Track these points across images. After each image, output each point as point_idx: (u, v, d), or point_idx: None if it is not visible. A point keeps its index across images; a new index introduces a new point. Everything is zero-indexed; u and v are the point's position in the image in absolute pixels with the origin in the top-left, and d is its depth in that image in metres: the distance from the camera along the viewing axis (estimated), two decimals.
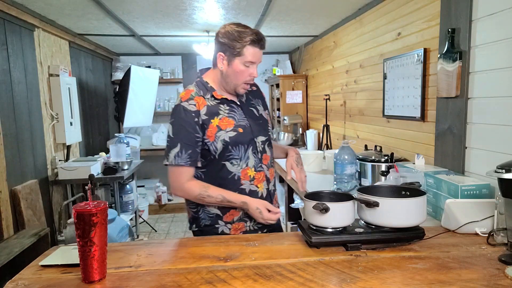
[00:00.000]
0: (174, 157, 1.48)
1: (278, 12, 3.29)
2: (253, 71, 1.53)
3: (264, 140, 1.62)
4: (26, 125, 2.95)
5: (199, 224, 1.61)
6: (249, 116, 1.60)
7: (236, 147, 1.53)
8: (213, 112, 1.53)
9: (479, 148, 1.80)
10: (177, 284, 1.07)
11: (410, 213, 1.31)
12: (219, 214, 1.57)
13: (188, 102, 1.52)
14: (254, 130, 1.59)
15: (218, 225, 1.58)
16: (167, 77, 5.59)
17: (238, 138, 1.53)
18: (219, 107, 1.56)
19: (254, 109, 1.65)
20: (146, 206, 5.13)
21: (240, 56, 1.49)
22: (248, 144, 1.56)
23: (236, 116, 1.57)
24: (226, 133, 1.52)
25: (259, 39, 1.50)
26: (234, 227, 1.58)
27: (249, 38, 1.47)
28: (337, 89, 3.91)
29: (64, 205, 2.95)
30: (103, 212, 1.07)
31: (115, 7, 3.00)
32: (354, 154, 2.45)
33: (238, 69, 1.51)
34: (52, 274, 1.15)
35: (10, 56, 2.76)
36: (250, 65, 1.51)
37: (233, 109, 1.58)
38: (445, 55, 1.95)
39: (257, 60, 1.52)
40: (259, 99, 1.72)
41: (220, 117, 1.54)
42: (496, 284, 1.04)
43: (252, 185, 1.57)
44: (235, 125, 1.55)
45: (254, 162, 1.57)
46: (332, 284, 1.05)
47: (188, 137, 1.49)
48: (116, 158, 3.70)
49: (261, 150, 1.60)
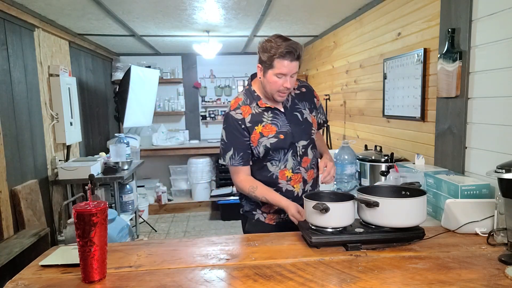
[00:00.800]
0: (229, 159, 1.68)
1: (278, 12, 3.29)
2: (284, 82, 1.59)
3: (305, 144, 1.72)
4: (26, 125, 2.95)
5: (244, 209, 1.82)
6: (292, 122, 1.70)
7: (276, 151, 1.67)
8: (257, 120, 1.67)
9: (479, 148, 1.80)
10: (177, 284, 1.07)
11: (410, 213, 1.31)
12: (258, 203, 1.74)
13: (235, 111, 1.68)
14: (295, 135, 1.69)
15: (255, 213, 1.76)
16: (167, 77, 5.59)
17: (278, 144, 1.66)
18: (263, 114, 1.68)
19: (298, 114, 1.73)
20: (146, 206, 5.13)
21: (272, 68, 1.58)
22: (288, 148, 1.68)
23: (279, 123, 1.68)
24: (268, 140, 1.65)
25: (289, 51, 1.54)
26: (269, 217, 1.75)
27: (278, 51, 1.54)
28: (337, 89, 3.91)
29: (64, 205, 2.95)
30: (103, 212, 1.07)
31: (115, 7, 3.00)
32: (354, 154, 2.45)
33: (271, 80, 1.60)
34: (52, 274, 1.15)
35: (10, 56, 2.76)
36: (281, 76, 1.58)
37: (276, 116, 1.69)
38: (445, 55, 1.95)
39: (288, 71, 1.57)
40: (306, 101, 1.77)
41: (263, 124, 1.67)
42: (496, 284, 1.04)
43: (289, 185, 1.70)
44: (277, 131, 1.67)
45: (292, 165, 1.69)
46: (332, 284, 1.05)
47: (239, 141, 1.66)
48: (116, 158, 3.70)
49: (301, 154, 1.71)
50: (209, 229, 4.61)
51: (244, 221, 1.85)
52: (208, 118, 5.81)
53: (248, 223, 1.80)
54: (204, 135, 5.92)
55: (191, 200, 5.48)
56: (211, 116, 5.80)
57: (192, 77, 5.78)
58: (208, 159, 5.40)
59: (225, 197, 4.93)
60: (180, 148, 5.30)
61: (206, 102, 5.79)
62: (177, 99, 5.70)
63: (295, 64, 1.58)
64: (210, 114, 5.81)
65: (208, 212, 5.32)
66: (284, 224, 1.71)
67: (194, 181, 5.38)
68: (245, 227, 1.83)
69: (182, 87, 5.74)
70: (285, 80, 1.58)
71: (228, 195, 4.93)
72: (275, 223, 1.74)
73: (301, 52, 1.58)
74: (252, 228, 1.76)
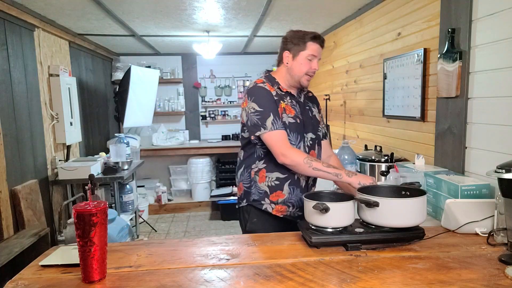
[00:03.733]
0: (272, 124, 1.64)
1: (278, 12, 3.29)
2: (313, 64, 1.73)
3: (313, 138, 1.78)
4: (26, 125, 2.95)
5: (249, 198, 1.76)
6: (304, 114, 1.78)
7: (293, 133, 1.71)
8: (280, 97, 1.73)
9: (479, 148, 1.80)
10: (177, 284, 1.07)
11: (410, 213, 1.31)
12: (267, 192, 1.72)
13: (263, 84, 1.73)
14: (306, 126, 1.76)
15: (264, 202, 1.73)
16: (167, 77, 5.59)
17: (295, 126, 1.71)
18: (283, 97, 1.75)
19: (309, 109, 1.83)
20: (146, 206, 5.12)
21: (304, 50, 1.71)
22: (300, 136, 1.73)
23: (296, 109, 1.76)
24: (288, 118, 1.70)
25: (319, 36, 1.73)
26: (277, 208, 1.73)
27: (311, 35, 1.71)
28: (337, 89, 3.91)
29: (64, 205, 2.95)
30: (103, 212, 1.07)
31: (115, 7, 3.00)
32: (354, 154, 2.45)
33: (302, 62, 1.71)
34: (52, 274, 1.15)
35: (10, 56, 2.76)
36: (312, 58, 1.72)
37: (294, 103, 1.77)
38: (445, 55, 1.95)
39: (318, 54, 1.73)
40: (314, 104, 1.90)
41: (286, 103, 1.73)
42: (496, 284, 1.04)
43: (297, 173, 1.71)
44: (295, 115, 1.73)
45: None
46: (332, 284, 1.05)
47: (275, 106, 1.68)
48: (116, 158, 3.70)
49: (308, 145, 1.76)
50: (209, 229, 4.61)
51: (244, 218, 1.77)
52: (208, 118, 5.81)
53: (250, 221, 1.74)
54: (204, 135, 5.92)
55: (191, 200, 5.48)
56: (211, 116, 5.80)
57: (192, 77, 5.78)
58: (208, 159, 5.40)
59: (225, 197, 4.93)
60: (180, 148, 5.30)
61: (206, 102, 5.79)
62: (177, 99, 5.70)
63: (321, 50, 1.75)
64: (210, 114, 5.81)
65: (208, 212, 5.32)
66: (291, 219, 1.71)
67: (194, 181, 5.38)
68: (246, 225, 1.76)
69: (182, 87, 5.74)
70: (314, 63, 1.72)
71: (228, 195, 4.93)
72: (282, 216, 1.72)
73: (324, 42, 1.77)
74: (254, 226, 1.71)
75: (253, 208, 1.75)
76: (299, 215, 1.71)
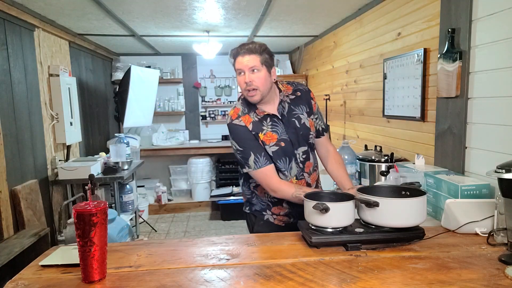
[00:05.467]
0: (254, 163, 1.64)
1: (278, 12, 3.29)
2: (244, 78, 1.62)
3: (305, 150, 1.74)
4: (26, 125, 2.95)
5: (252, 208, 1.81)
6: (289, 130, 1.71)
7: (280, 160, 1.68)
8: (258, 128, 1.68)
9: (479, 148, 1.80)
10: (177, 284, 1.07)
11: (410, 213, 1.31)
12: (269, 204, 1.76)
13: (238, 120, 1.69)
14: (294, 143, 1.71)
15: (265, 213, 1.77)
16: (167, 77, 5.59)
17: (280, 152, 1.67)
18: (263, 123, 1.69)
19: (296, 120, 1.73)
20: (146, 206, 5.12)
21: (235, 69, 1.66)
22: (290, 156, 1.70)
23: (279, 130, 1.69)
24: (270, 148, 1.66)
25: (238, 50, 1.62)
26: (279, 218, 1.77)
27: (233, 52, 1.64)
28: (337, 89, 3.91)
29: (64, 205, 2.95)
30: (103, 212, 1.07)
31: (115, 7, 3.00)
32: (354, 154, 2.45)
33: (238, 82, 1.68)
34: (52, 274, 1.15)
35: (10, 56, 2.76)
36: (240, 72, 1.64)
37: (275, 123, 1.70)
38: (445, 55, 1.95)
39: (242, 66, 1.61)
40: (303, 105, 1.77)
41: (264, 133, 1.67)
42: (496, 284, 1.04)
43: None
44: (278, 139, 1.68)
45: (296, 172, 1.72)
46: (332, 284, 1.05)
47: (255, 144, 1.65)
48: (116, 158, 3.70)
49: (302, 160, 1.73)
50: (209, 229, 4.61)
51: (251, 220, 1.84)
52: (208, 118, 5.81)
53: (257, 224, 1.80)
54: (204, 135, 5.92)
55: (191, 200, 5.48)
56: (211, 116, 5.80)
57: (192, 77, 5.78)
58: (208, 159, 5.40)
59: (225, 197, 4.93)
60: (180, 148, 5.30)
61: (206, 102, 5.79)
62: (177, 99, 5.70)
63: (249, 58, 1.60)
64: (210, 114, 5.81)
65: (208, 212, 5.32)
66: (292, 226, 1.71)
67: (194, 181, 5.38)
68: (253, 227, 1.82)
69: (182, 87, 5.74)
70: (244, 76, 1.62)
71: (228, 195, 4.93)
72: (284, 225, 1.76)
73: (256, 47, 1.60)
74: (261, 229, 1.76)
75: (256, 217, 1.81)
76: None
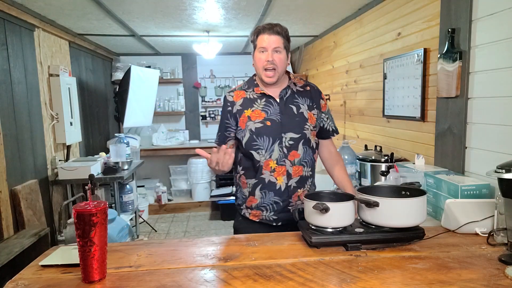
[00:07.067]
0: (218, 137, 1.78)
1: (278, 12, 3.29)
2: (266, 56, 1.64)
3: (295, 138, 1.69)
4: (26, 125, 2.95)
5: (237, 202, 1.83)
6: (284, 113, 1.70)
7: (261, 138, 1.67)
8: (248, 104, 1.71)
9: (479, 148, 1.80)
10: (177, 284, 1.07)
11: (410, 213, 1.31)
12: (246, 196, 1.75)
13: (229, 93, 1.77)
14: (284, 126, 1.68)
15: (242, 208, 1.77)
16: (167, 77, 5.59)
17: (264, 130, 1.67)
18: (256, 101, 1.72)
19: (294, 107, 1.73)
20: (146, 206, 5.12)
21: (256, 46, 1.68)
22: (274, 137, 1.67)
23: (270, 110, 1.70)
24: (254, 124, 1.67)
25: (266, 27, 1.65)
26: (253, 213, 1.74)
27: (258, 28, 1.66)
28: (337, 89, 3.91)
29: (64, 205, 2.95)
30: (103, 212, 1.07)
31: (115, 7, 3.00)
32: (354, 154, 2.45)
33: (256, 58, 1.68)
34: (52, 274, 1.15)
35: (10, 56, 2.76)
36: (263, 51, 1.65)
37: (269, 104, 1.71)
38: (445, 55, 1.95)
39: (267, 44, 1.64)
40: (308, 98, 1.77)
41: (253, 109, 1.70)
42: (496, 284, 1.04)
43: (272, 176, 1.68)
44: (265, 118, 1.68)
45: (278, 156, 1.67)
46: (332, 284, 1.05)
47: (223, 122, 1.75)
48: (116, 158, 3.70)
49: (288, 146, 1.68)
50: (209, 229, 4.61)
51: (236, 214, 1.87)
52: (208, 118, 5.81)
53: (236, 219, 1.83)
54: (204, 135, 5.91)
55: (191, 200, 5.48)
56: (211, 116, 5.80)
57: (192, 77, 5.78)
58: None
59: (225, 197, 4.93)
60: (180, 148, 5.30)
61: (206, 102, 5.79)
62: (177, 99, 5.70)
63: (275, 38, 1.64)
64: (210, 114, 5.81)
65: (208, 212, 5.32)
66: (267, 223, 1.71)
67: (194, 181, 5.37)
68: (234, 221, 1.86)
69: (182, 87, 5.74)
70: (266, 54, 1.64)
71: (228, 195, 4.93)
72: (258, 221, 1.73)
73: (281, 29, 1.66)
74: (238, 224, 1.80)
75: (237, 211, 1.83)
76: (274, 219, 1.70)
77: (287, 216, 1.68)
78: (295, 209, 1.63)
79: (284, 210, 1.69)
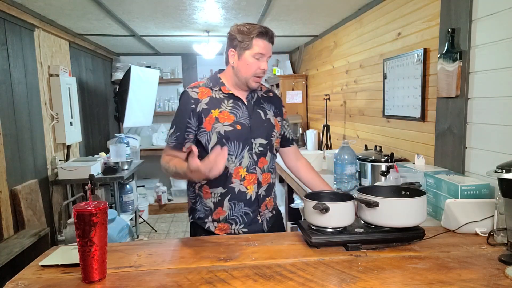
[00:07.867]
0: (168, 137, 1.61)
1: (278, 12, 3.29)
2: (262, 64, 1.55)
3: (264, 144, 1.60)
4: (26, 125, 2.95)
5: (195, 215, 1.64)
6: (253, 117, 1.60)
7: (231, 143, 1.54)
8: (215, 104, 1.57)
9: (479, 148, 1.80)
10: (177, 284, 1.07)
11: (410, 213, 1.31)
12: (211, 208, 1.59)
13: (192, 89, 1.60)
14: (253, 131, 1.58)
15: (207, 221, 1.60)
16: (167, 77, 5.59)
17: (234, 134, 1.54)
18: (223, 102, 1.59)
19: (261, 112, 1.64)
20: (146, 206, 5.13)
21: (249, 49, 1.53)
22: (244, 143, 1.56)
23: (238, 113, 1.58)
24: (223, 126, 1.54)
25: (266, 31, 1.53)
26: (220, 226, 1.59)
27: (257, 31, 1.52)
28: (337, 89, 3.91)
29: (64, 205, 2.96)
30: (103, 212, 1.07)
31: (115, 7, 3.00)
32: (354, 154, 2.45)
33: (248, 62, 1.54)
34: (52, 274, 1.15)
35: (10, 56, 2.76)
36: (259, 57, 1.54)
37: (237, 106, 1.59)
38: (445, 55, 1.95)
39: (266, 52, 1.54)
40: (273, 105, 1.70)
41: (221, 110, 1.57)
42: (496, 284, 1.04)
43: (242, 185, 1.57)
44: (234, 121, 1.56)
45: (248, 163, 1.57)
46: (332, 284, 1.05)
47: (182, 120, 1.56)
48: (116, 158, 3.70)
49: (257, 152, 1.59)
50: None
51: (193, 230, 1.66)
52: None
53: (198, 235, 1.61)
54: None
55: None
56: None
57: (192, 77, 5.78)
58: None
59: None
60: None
61: None
62: (177, 99, 5.69)
63: (270, 47, 1.57)
64: None
65: None
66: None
67: None
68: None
69: (182, 87, 5.74)
70: (262, 61, 1.55)
71: None
72: (226, 235, 1.57)
73: (274, 37, 1.58)
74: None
75: (198, 226, 1.63)
76: (243, 232, 1.58)
77: (257, 228, 1.60)
78: (263, 219, 1.58)
79: (253, 221, 1.59)
